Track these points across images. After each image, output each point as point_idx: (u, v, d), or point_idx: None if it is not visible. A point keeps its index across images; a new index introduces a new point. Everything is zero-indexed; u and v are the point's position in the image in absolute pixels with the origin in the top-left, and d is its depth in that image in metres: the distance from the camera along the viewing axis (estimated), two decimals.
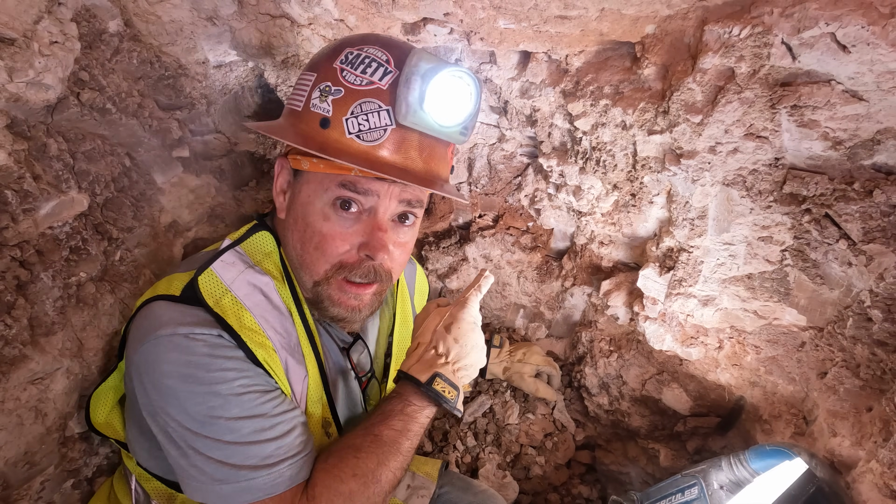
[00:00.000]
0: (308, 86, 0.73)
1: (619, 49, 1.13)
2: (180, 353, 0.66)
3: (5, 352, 0.79)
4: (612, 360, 1.40)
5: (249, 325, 0.71)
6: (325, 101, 0.70)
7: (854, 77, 0.81)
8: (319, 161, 0.71)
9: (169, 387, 0.66)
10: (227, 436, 0.66)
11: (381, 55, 0.71)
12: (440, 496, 1.12)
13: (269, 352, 0.72)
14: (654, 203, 1.21)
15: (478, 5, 0.99)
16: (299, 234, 0.76)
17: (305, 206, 0.75)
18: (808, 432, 1.00)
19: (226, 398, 0.66)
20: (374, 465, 0.72)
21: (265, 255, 0.79)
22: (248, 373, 0.69)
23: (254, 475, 0.67)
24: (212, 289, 0.72)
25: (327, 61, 0.72)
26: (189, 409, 0.66)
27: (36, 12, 0.76)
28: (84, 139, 0.92)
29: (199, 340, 0.67)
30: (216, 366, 0.67)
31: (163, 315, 0.69)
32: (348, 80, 0.70)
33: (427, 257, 1.57)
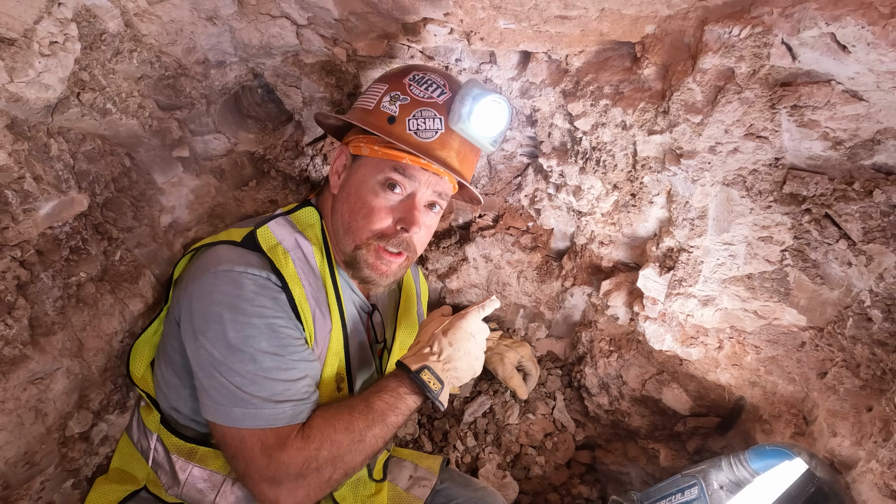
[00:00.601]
0: (380, 92, 0.94)
1: (619, 49, 1.13)
2: (233, 286, 0.81)
3: (5, 352, 0.79)
4: (612, 360, 1.40)
5: (292, 272, 0.86)
6: (394, 104, 0.92)
7: (854, 77, 0.81)
8: (380, 148, 0.90)
9: (216, 313, 0.80)
10: (249, 365, 0.79)
11: (440, 80, 0.94)
12: (440, 491, 1.14)
13: (303, 300, 0.87)
14: (654, 203, 1.21)
15: (478, 5, 0.99)
16: (350, 205, 0.93)
17: (360, 184, 0.93)
18: (808, 432, 1.00)
19: (260, 330, 0.80)
20: (363, 425, 0.84)
21: (309, 226, 0.97)
22: (283, 315, 0.83)
23: (261, 406, 0.79)
24: (267, 239, 0.89)
25: (398, 77, 0.95)
26: (227, 334, 0.79)
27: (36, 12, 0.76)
28: (84, 139, 0.92)
29: (250, 278, 0.81)
30: (259, 302, 0.81)
31: (224, 255, 0.84)
32: (414, 92, 0.92)
33: (427, 257, 1.57)
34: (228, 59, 1.14)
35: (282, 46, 1.13)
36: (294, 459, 0.78)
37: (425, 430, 1.57)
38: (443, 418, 1.58)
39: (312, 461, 0.79)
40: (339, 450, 0.81)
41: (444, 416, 1.58)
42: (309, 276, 0.90)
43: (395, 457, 1.20)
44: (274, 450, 0.78)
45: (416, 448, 1.53)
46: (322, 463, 0.80)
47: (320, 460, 0.80)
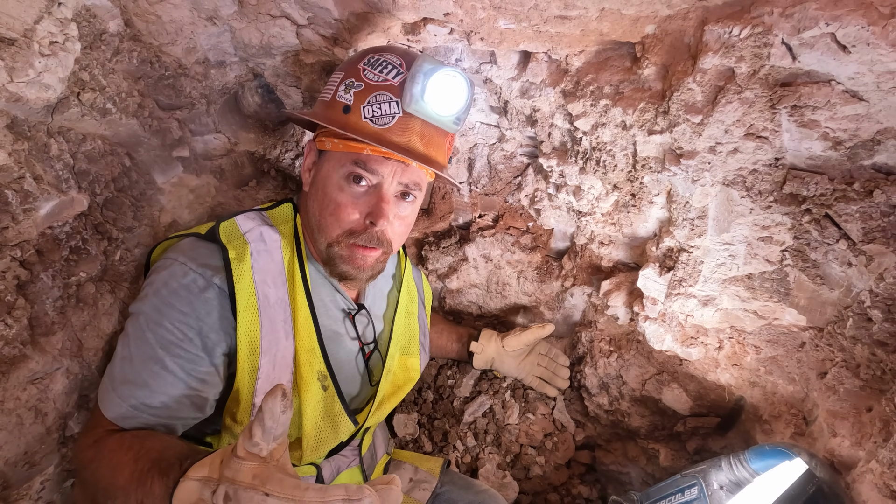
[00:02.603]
0: (336, 81, 0.91)
1: (619, 49, 1.13)
2: (167, 273, 0.82)
3: (5, 352, 0.79)
4: (612, 360, 1.40)
5: (246, 264, 0.84)
6: (348, 92, 0.88)
7: (854, 77, 0.81)
8: (340, 142, 0.87)
9: (145, 290, 0.83)
10: (135, 344, 0.80)
11: (396, 60, 0.88)
12: (441, 494, 1.13)
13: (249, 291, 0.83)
14: (654, 203, 1.21)
15: (478, 5, 0.99)
16: (318, 202, 0.91)
17: (325, 180, 0.90)
18: (808, 432, 1.00)
19: (161, 320, 0.79)
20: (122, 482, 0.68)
21: (283, 221, 0.95)
22: (196, 321, 0.80)
23: (114, 391, 0.78)
24: (229, 231, 0.87)
25: (353, 63, 0.90)
26: (141, 311, 0.81)
27: (36, 12, 0.76)
28: (84, 139, 0.92)
29: (187, 273, 0.81)
30: (179, 296, 0.80)
31: (180, 246, 0.86)
32: (368, 77, 0.87)
33: (427, 257, 1.57)
34: (228, 59, 1.14)
35: (282, 46, 1.13)
36: (76, 449, 0.80)
37: (425, 430, 1.57)
38: (442, 418, 1.58)
39: (80, 468, 0.80)
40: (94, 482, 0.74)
41: (444, 416, 1.58)
42: (267, 270, 0.87)
43: (395, 459, 1.19)
44: (86, 430, 0.80)
45: (416, 448, 1.53)
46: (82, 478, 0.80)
47: (82, 474, 0.80)
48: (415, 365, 1.12)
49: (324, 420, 0.90)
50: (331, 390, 0.91)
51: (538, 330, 1.32)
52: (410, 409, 1.60)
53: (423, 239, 1.61)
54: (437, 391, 1.63)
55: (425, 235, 1.61)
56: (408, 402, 1.62)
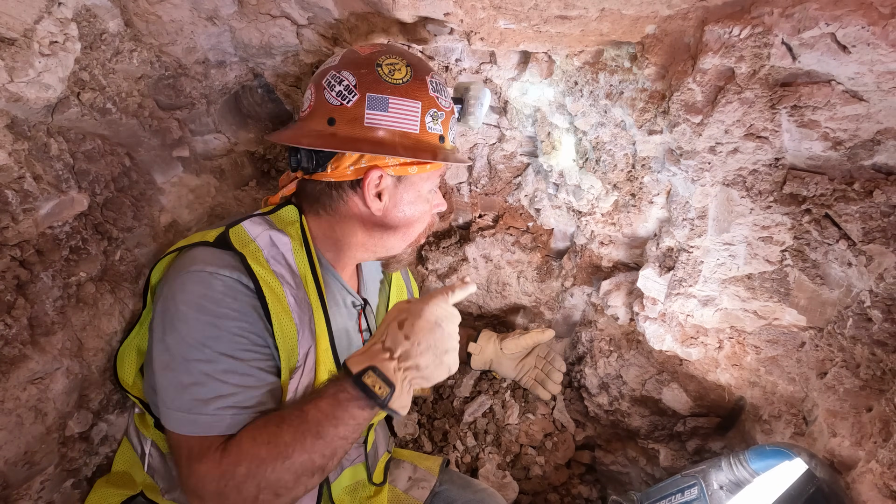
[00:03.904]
0: (416, 112, 0.89)
1: (619, 49, 1.13)
2: (201, 286, 0.78)
3: (5, 351, 0.79)
4: (612, 360, 1.40)
5: (267, 269, 0.83)
6: (436, 123, 0.91)
7: (854, 77, 0.81)
8: (426, 164, 0.91)
9: (181, 311, 0.77)
10: (205, 365, 0.75)
11: (442, 79, 0.94)
12: (440, 493, 1.14)
13: (279, 296, 0.82)
14: (654, 203, 1.21)
15: (478, 5, 0.99)
16: (404, 221, 0.94)
17: (415, 200, 0.94)
18: (807, 432, 1.00)
19: (222, 332, 0.76)
20: (289, 438, 0.74)
21: (289, 224, 0.92)
22: (249, 319, 0.79)
23: (201, 410, 0.75)
24: (240, 237, 0.85)
25: (424, 91, 0.90)
26: (189, 333, 0.76)
27: (36, 12, 0.76)
28: (84, 139, 0.92)
29: (220, 279, 0.78)
30: (225, 304, 0.78)
31: (197, 256, 0.81)
32: (443, 105, 0.92)
33: (427, 257, 1.57)
34: (228, 59, 1.14)
35: (282, 46, 1.13)
36: (210, 473, 0.73)
37: (425, 430, 1.57)
38: (442, 418, 1.58)
39: (229, 477, 0.72)
40: (258, 466, 0.73)
41: (444, 415, 1.58)
42: (286, 274, 0.86)
43: (395, 458, 1.19)
44: (194, 460, 0.74)
45: (416, 448, 1.53)
46: (240, 480, 0.72)
47: (237, 477, 0.72)
48: None
49: None
50: None
51: (537, 334, 1.31)
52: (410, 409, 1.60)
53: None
54: (437, 391, 1.63)
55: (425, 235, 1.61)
56: None
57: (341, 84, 0.85)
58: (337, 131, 0.86)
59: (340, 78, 0.86)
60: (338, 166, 0.88)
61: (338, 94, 0.85)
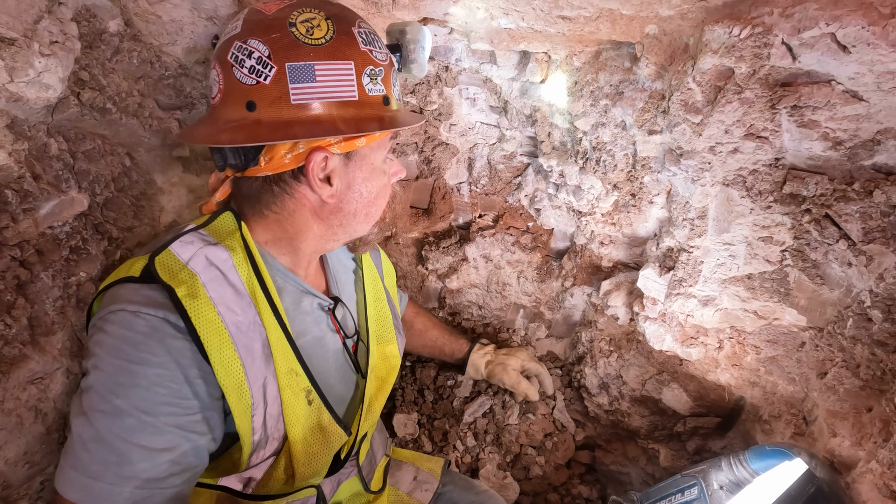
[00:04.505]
0: (350, 74, 0.76)
1: (619, 49, 1.13)
2: (121, 327, 0.68)
3: (5, 351, 0.79)
4: (612, 360, 1.40)
5: (203, 299, 0.72)
6: (377, 82, 0.78)
7: (854, 77, 0.81)
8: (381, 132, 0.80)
9: (97, 355, 0.68)
10: (109, 419, 0.66)
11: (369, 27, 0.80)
12: (443, 495, 1.13)
13: (218, 329, 0.72)
14: (654, 203, 1.21)
15: (478, 5, 1.00)
16: (364, 199, 0.83)
17: (370, 175, 0.83)
18: (808, 432, 1.00)
19: (136, 379, 0.67)
20: None
21: (228, 234, 0.80)
22: (172, 366, 0.69)
23: (98, 476, 0.64)
24: (168, 265, 0.73)
25: (353, 47, 0.76)
26: (99, 379, 0.67)
27: (36, 12, 0.76)
28: (84, 139, 0.92)
29: (142, 318, 0.69)
30: (146, 347, 0.68)
31: (118, 294, 0.72)
32: (378, 58, 0.78)
33: (427, 257, 1.57)
34: None
35: None
36: None
37: (425, 430, 1.57)
38: (442, 418, 1.58)
39: None
40: None
41: (444, 415, 1.58)
42: (228, 296, 0.75)
43: (395, 459, 1.18)
44: None
45: (416, 448, 1.53)
46: None
47: None
48: (394, 352, 1.03)
49: (312, 434, 0.83)
50: (316, 402, 0.83)
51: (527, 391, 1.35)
52: (410, 409, 1.60)
53: (423, 239, 1.61)
54: (437, 391, 1.63)
55: (425, 235, 1.61)
56: (408, 402, 1.61)
57: (251, 57, 0.70)
58: (260, 117, 0.72)
59: (248, 49, 0.71)
60: (272, 157, 0.75)
61: (250, 71, 0.71)
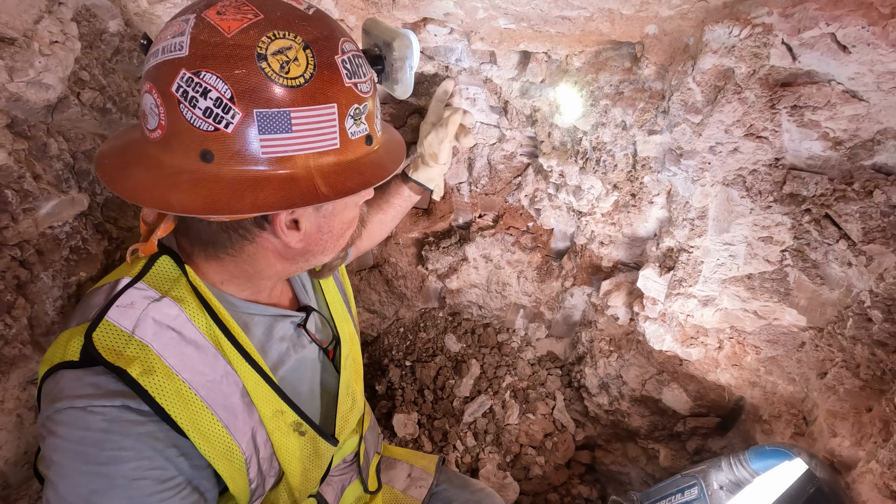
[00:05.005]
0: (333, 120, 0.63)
1: (619, 49, 1.13)
2: (74, 428, 0.60)
3: (5, 351, 0.79)
4: (612, 360, 1.40)
5: (162, 370, 0.64)
6: (360, 122, 0.65)
7: (854, 77, 0.82)
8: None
9: (56, 462, 0.60)
10: None
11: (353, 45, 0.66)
12: (438, 493, 1.13)
13: (185, 397, 0.65)
14: (655, 203, 1.21)
15: (478, 5, 0.99)
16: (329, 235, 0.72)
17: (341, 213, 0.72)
18: (808, 432, 1.00)
19: (112, 481, 0.60)
20: None
21: (171, 282, 0.69)
22: (147, 453, 0.62)
23: None
24: (110, 342, 0.63)
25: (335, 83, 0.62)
26: (69, 491, 0.59)
27: (36, 12, 0.76)
28: (84, 139, 0.92)
29: (97, 413, 0.60)
30: (111, 444, 0.60)
31: (61, 385, 0.62)
32: (362, 90, 0.64)
33: (427, 257, 1.57)
34: None
35: None
36: None
37: (425, 430, 1.57)
38: (442, 418, 1.58)
39: None
40: None
41: (444, 415, 1.58)
42: (191, 358, 0.67)
43: (389, 457, 1.17)
44: None
45: (416, 448, 1.53)
46: None
47: None
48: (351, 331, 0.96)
49: (310, 461, 0.81)
50: (310, 433, 0.79)
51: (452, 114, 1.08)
52: (410, 409, 1.60)
53: (423, 239, 1.61)
54: (437, 391, 1.63)
55: (425, 235, 1.61)
56: (408, 402, 1.62)
57: (207, 96, 0.55)
58: (220, 172, 0.58)
59: (202, 86, 0.55)
60: None
61: (206, 114, 0.55)
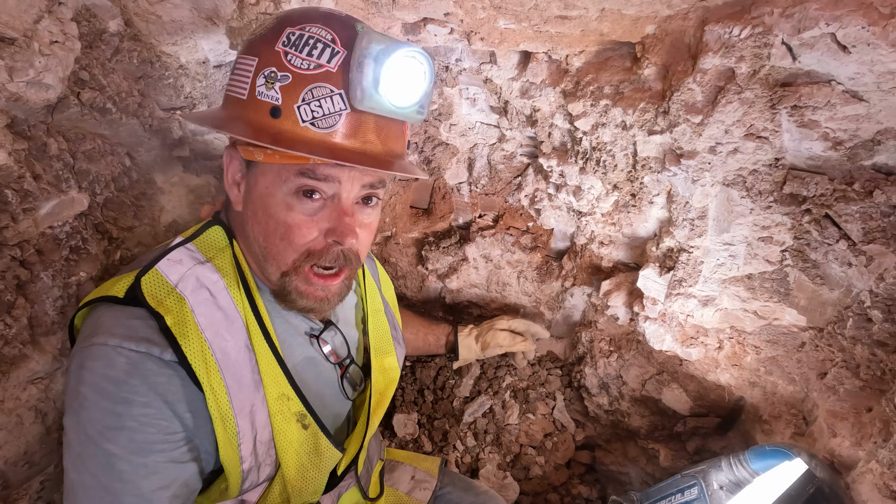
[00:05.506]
0: (250, 71, 0.68)
1: (619, 49, 1.13)
2: (102, 364, 0.64)
3: (5, 351, 0.79)
4: (612, 360, 1.40)
5: (191, 326, 0.68)
6: (272, 88, 0.66)
7: (854, 77, 0.82)
8: (275, 152, 0.67)
9: (81, 393, 0.64)
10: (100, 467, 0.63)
11: (325, 34, 0.67)
12: (442, 496, 1.13)
13: (205, 354, 0.68)
14: (655, 203, 1.21)
15: (478, 5, 0.99)
16: (261, 226, 0.73)
17: (265, 199, 0.71)
18: (807, 432, 1.00)
19: (123, 421, 0.64)
20: None
21: (218, 251, 0.75)
22: (155, 404, 0.65)
23: None
24: (155, 289, 0.68)
25: (268, 44, 0.67)
26: (85, 420, 0.64)
27: (36, 12, 0.76)
28: (84, 139, 0.92)
29: (124, 355, 0.65)
30: (128, 387, 0.64)
31: (101, 321, 0.67)
32: (294, 64, 0.66)
33: (427, 257, 1.57)
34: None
35: None
36: None
37: (425, 430, 1.57)
38: (442, 418, 1.58)
39: None
40: None
41: (444, 415, 1.58)
42: (218, 322, 0.71)
43: (391, 460, 1.17)
44: None
45: (416, 448, 1.53)
46: None
47: None
48: (392, 364, 1.00)
49: (307, 458, 0.80)
50: (312, 427, 0.80)
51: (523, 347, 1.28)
52: (410, 409, 1.60)
53: (423, 239, 1.61)
54: (437, 391, 1.63)
55: (425, 235, 1.61)
56: (408, 402, 1.62)
57: None
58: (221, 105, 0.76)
59: None
60: None
61: None
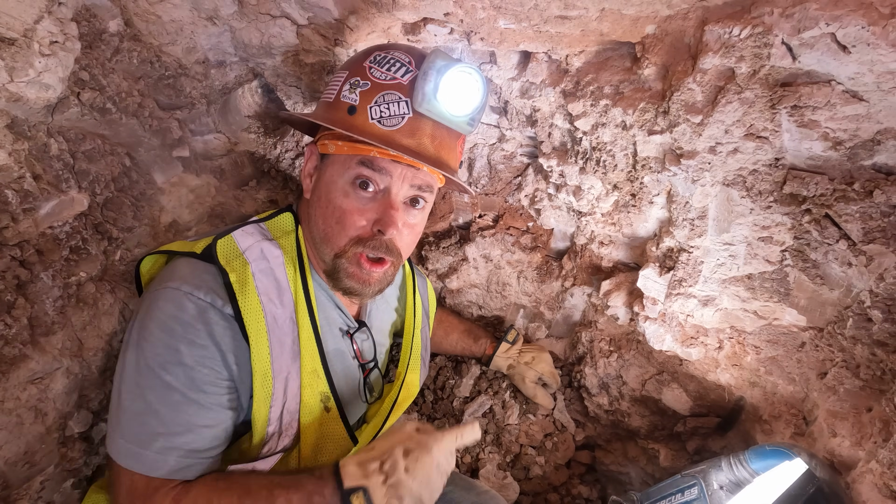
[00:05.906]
0: (340, 81, 0.86)
1: (619, 49, 1.13)
2: (173, 306, 0.75)
3: (5, 351, 0.79)
4: (612, 360, 1.40)
5: (250, 286, 0.79)
6: (353, 92, 0.83)
7: (854, 77, 0.82)
8: (344, 144, 0.82)
9: (148, 329, 0.75)
10: (158, 392, 0.73)
11: (404, 57, 0.84)
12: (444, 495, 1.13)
13: (257, 314, 0.79)
14: (655, 203, 1.21)
15: (478, 5, 0.99)
16: (322, 210, 0.85)
17: (329, 185, 0.85)
18: (808, 432, 1.00)
19: (181, 358, 0.74)
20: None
21: (284, 233, 0.89)
22: (213, 350, 0.76)
23: (147, 445, 0.72)
24: (227, 251, 0.82)
25: (358, 62, 0.85)
26: (149, 353, 0.74)
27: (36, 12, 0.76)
28: (84, 139, 0.92)
29: (192, 301, 0.76)
30: (192, 330, 0.75)
31: (178, 271, 0.79)
32: (375, 75, 0.82)
33: (427, 257, 1.57)
34: (228, 59, 1.14)
35: (282, 46, 1.13)
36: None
37: None
38: (442, 418, 1.58)
39: None
40: None
41: (444, 416, 1.58)
42: (272, 290, 0.82)
43: None
44: (137, 499, 0.71)
45: None
46: None
47: None
48: (415, 381, 1.07)
49: (324, 442, 0.87)
50: (333, 412, 0.88)
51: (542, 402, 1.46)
52: (410, 408, 1.60)
53: (423, 239, 1.61)
54: (437, 391, 1.63)
55: (425, 235, 1.61)
56: None
57: None
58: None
59: None
60: None
61: None
